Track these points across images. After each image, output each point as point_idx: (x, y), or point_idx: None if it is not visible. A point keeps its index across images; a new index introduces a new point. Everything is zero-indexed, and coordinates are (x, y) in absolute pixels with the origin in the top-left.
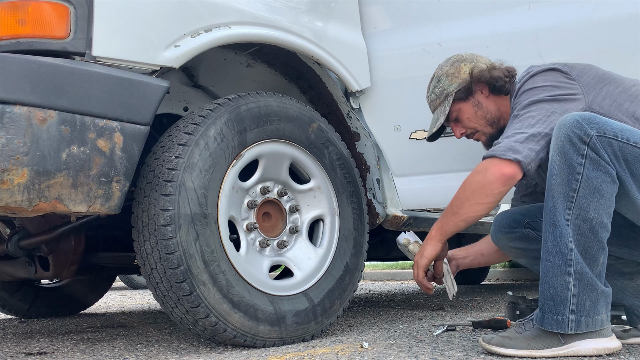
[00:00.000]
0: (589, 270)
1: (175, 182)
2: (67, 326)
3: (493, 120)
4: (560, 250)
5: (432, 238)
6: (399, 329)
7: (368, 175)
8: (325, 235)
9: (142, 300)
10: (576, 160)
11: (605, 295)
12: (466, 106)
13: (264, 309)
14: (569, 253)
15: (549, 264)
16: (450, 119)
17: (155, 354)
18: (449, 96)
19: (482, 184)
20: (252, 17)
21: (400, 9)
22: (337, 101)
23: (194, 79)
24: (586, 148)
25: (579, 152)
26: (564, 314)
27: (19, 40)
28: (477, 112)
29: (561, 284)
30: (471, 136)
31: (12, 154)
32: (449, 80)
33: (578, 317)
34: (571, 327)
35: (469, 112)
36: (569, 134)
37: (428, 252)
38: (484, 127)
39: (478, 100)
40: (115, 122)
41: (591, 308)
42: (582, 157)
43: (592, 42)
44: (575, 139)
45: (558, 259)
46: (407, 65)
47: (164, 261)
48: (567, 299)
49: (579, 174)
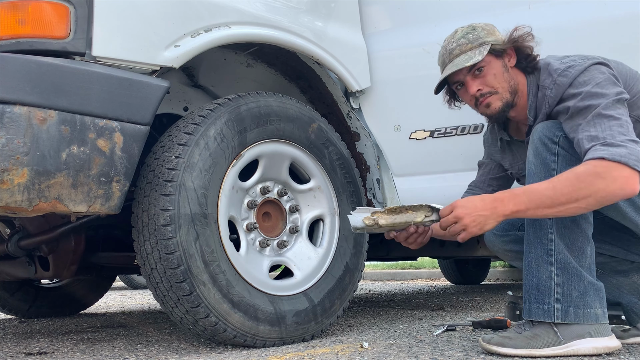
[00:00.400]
0: (573, 260)
1: (175, 182)
2: (67, 326)
3: (514, 89)
4: (541, 241)
5: (500, 215)
6: (399, 329)
7: (368, 175)
8: (325, 235)
9: (142, 300)
10: (549, 158)
11: (595, 288)
12: (497, 63)
13: (264, 309)
14: (549, 243)
15: (532, 255)
16: (474, 69)
17: (155, 354)
18: (485, 44)
19: (603, 192)
20: (252, 17)
21: (400, 9)
22: (337, 101)
23: (194, 79)
24: (557, 147)
25: (551, 151)
26: (549, 303)
27: (19, 40)
28: (504, 74)
29: (544, 273)
30: (484, 97)
31: (12, 153)
32: (485, 33)
33: (565, 306)
34: (557, 315)
35: (497, 69)
36: (540, 137)
37: (489, 226)
38: (505, 92)
39: (506, 64)
40: (115, 122)
41: (580, 299)
42: (555, 155)
43: (592, 42)
44: (546, 140)
45: (539, 249)
46: (407, 65)
47: (164, 261)
48: (550, 287)
49: (554, 169)
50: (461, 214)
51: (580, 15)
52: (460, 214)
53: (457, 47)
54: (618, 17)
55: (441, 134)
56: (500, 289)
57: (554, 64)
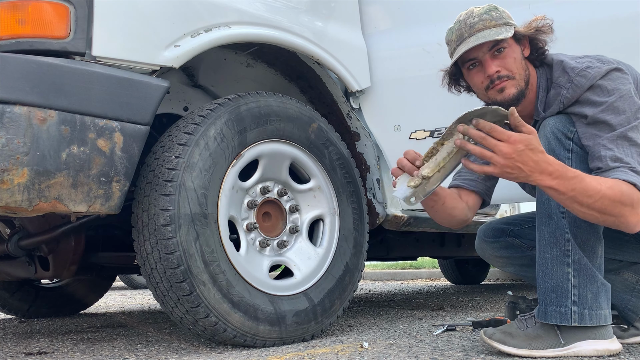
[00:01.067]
0: (587, 261)
1: (175, 182)
2: (67, 326)
3: (527, 80)
4: (558, 242)
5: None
6: (399, 329)
7: (368, 175)
8: (325, 235)
9: (142, 300)
10: (563, 154)
11: (605, 289)
12: (517, 48)
13: (264, 309)
14: (566, 244)
15: (548, 256)
16: (495, 47)
17: (155, 354)
18: (509, 25)
19: (634, 224)
20: (252, 17)
21: (400, 9)
22: (337, 101)
23: (194, 79)
24: (571, 143)
25: (565, 147)
26: (567, 306)
27: (19, 40)
28: (522, 61)
29: (561, 274)
30: (501, 80)
31: (12, 153)
32: (506, 15)
33: (581, 309)
34: (574, 319)
35: (517, 54)
36: (554, 132)
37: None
38: (521, 79)
39: (522, 51)
40: (115, 122)
41: (593, 301)
42: (569, 151)
43: (592, 42)
44: (560, 135)
45: (556, 249)
46: (407, 65)
47: (164, 261)
48: (568, 290)
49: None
50: (514, 149)
51: (581, 15)
52: (517, 143)
53: (480, 21)
54: (618, 17)
55: (441, 134)
56: (500, 289)
57: (570, 62)
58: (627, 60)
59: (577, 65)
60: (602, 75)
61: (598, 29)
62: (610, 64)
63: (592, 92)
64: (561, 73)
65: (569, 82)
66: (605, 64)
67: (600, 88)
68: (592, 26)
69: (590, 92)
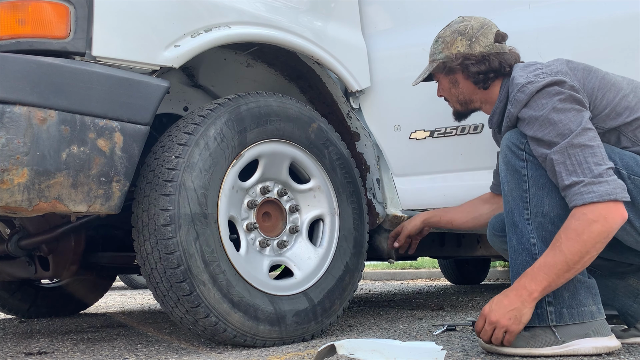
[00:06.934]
0: None
1: (175, 182)
2: (67, 326)
3: (464, 101)
4: (525, 247)
5: (531, 300)
6: (399, 329)
7: (368, 175)
8: (325, 235)
9: (142, 300)
10: (519, 164)
11: (586, 286)
12: (444, 80)
13: (264, 309)
14: (533, 248)
15: (518, 262)
16: (434, 79)
17: (155, 354)
18: (434, 62)
19: (605, 233)
20: (252, 17)
21: (400, 9)
22: (337, 101)
23: (194, 79)
24: (524, 153)
25: (519, 157)
26: (542, 307)
27: (19, 40)
28: (451, 90)
29: None
30: (446, 101)
31: (12, 153)
32: (440, 48)
33: (558, 308)
34: (552, 319)
35: (444, 85)
36: (508, 145)
37: (527, 316)
38: (454, 103)
39: (456, 79)
40: (115, 122)
41: (572, 299)
42: (523, 161)
43: (592, 42)
44: (513, 147)
45: (525, 255)
46: (407, 65)
47: (164, 261)
48: None
49: (525, 175)
50: (495, 318)
51: (581, 15)
52: (494, 318)
53: (429, 54)
54: (618, 17)
55: (441, 134)
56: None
57: (518, 77)
58: (627, 60)
59: (520, 80)
60: (537, 90)
61: (598, 29)
62: (548, 77)
63: (528, 108)
64: (511, 87)
65: (513, 98)
66: (545, 78)
67: (536, 103)
68: (592, 26)
69: (527, 108)
